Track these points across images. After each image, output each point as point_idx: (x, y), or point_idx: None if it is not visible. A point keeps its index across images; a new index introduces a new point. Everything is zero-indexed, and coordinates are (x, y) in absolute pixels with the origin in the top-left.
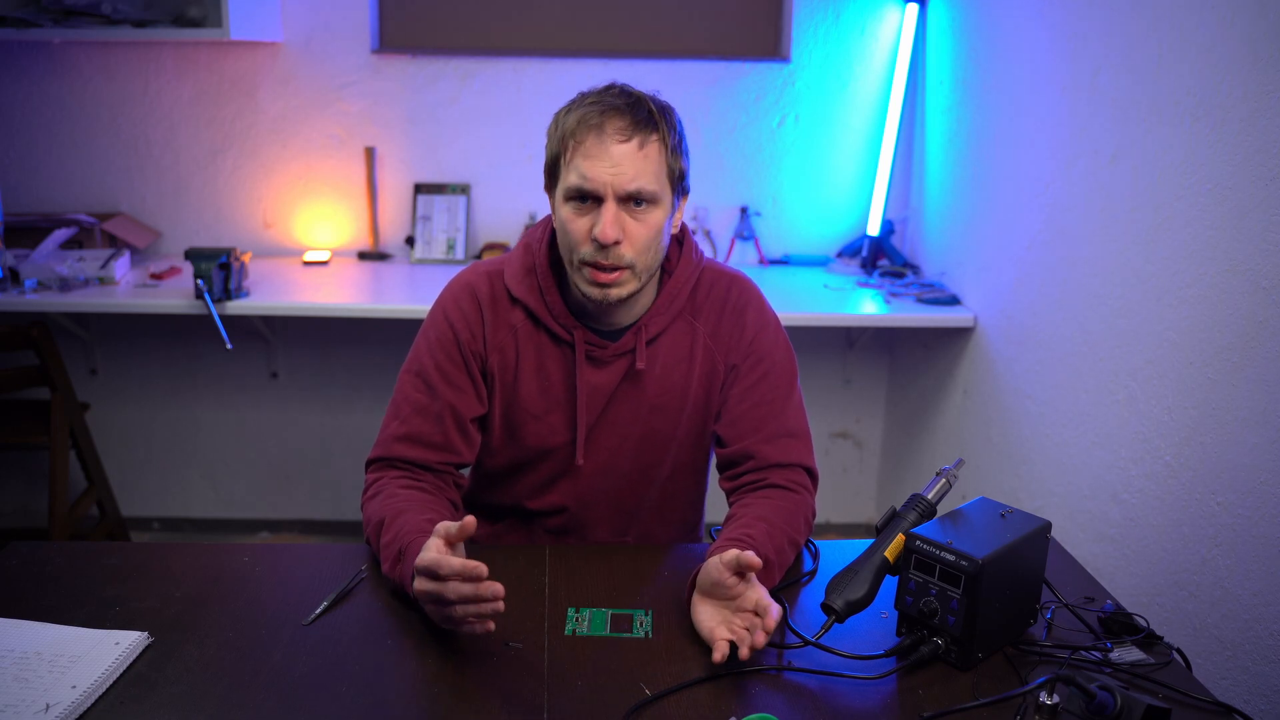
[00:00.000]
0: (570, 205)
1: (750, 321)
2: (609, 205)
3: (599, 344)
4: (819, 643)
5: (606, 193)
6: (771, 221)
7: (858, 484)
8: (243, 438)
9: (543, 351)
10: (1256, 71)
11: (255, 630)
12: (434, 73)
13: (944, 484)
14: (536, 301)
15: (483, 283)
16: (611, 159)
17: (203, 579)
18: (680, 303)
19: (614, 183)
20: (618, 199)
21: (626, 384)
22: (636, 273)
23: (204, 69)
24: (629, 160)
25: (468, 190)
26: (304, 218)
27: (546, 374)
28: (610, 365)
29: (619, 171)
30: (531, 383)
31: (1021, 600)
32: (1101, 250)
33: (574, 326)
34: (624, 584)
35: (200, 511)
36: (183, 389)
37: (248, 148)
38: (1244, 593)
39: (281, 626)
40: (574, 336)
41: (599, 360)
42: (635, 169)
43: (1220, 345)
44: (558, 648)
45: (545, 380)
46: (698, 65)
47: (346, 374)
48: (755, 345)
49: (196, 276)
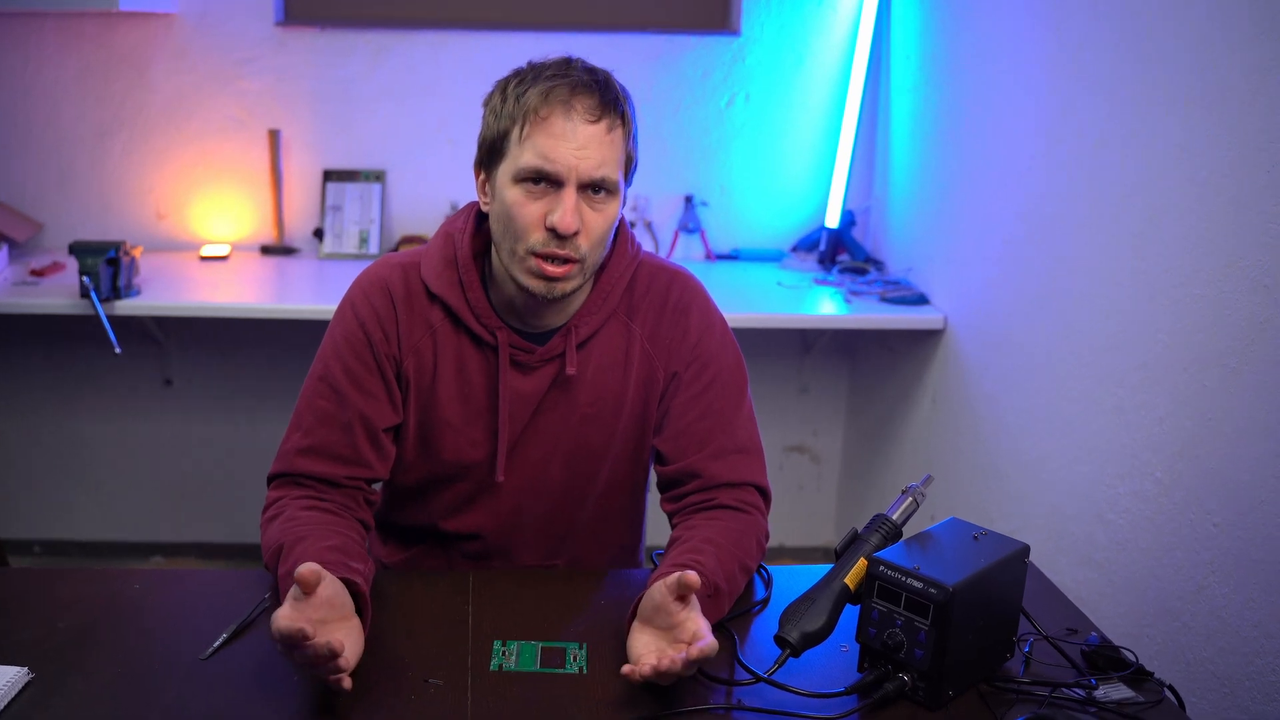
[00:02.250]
0: (521, 187)
1: (694, 323)
2: (569, 191)
3: (525, 347)
4: (772, 679)
5: (569, 177)
6: (719, 212)
7: (815, 503)
8: (134, 452)
9: (463, 354)
10: (1258, 47)
11: (148, 665)
12: (345, 47)
13: (910, 503)
14: (457, 298)
15: (396, 276)
16: (579, 141)
17: (90, 608)
18: (614, 301)
19: (579, 167)
20: (579, 186)
21: (555, 391)
22: (585, 268)
23: (90, 42)
24: (596, 144)
25: (382, 177)
26: (201, 208)
27: (467, 379)
28: (537, 371)
29: (585, 155)
30: (451, 389)
31: (997, 632)
32: (1086, 244)
33: (498, 327)
34: (556, 614)
35: (86, 534)
36: (66, 398)
37: (139, 130)
38: (1243, 624)
39: (177, 661)
40: (497, 338)
41: (525, 365)
42: (601, 154)
43: (1217, 349)
44: (482, 685)
45: (466, 386)
46: (637, 38)
47: (249, 381)
48: (700, 350)
49: (82, 273)
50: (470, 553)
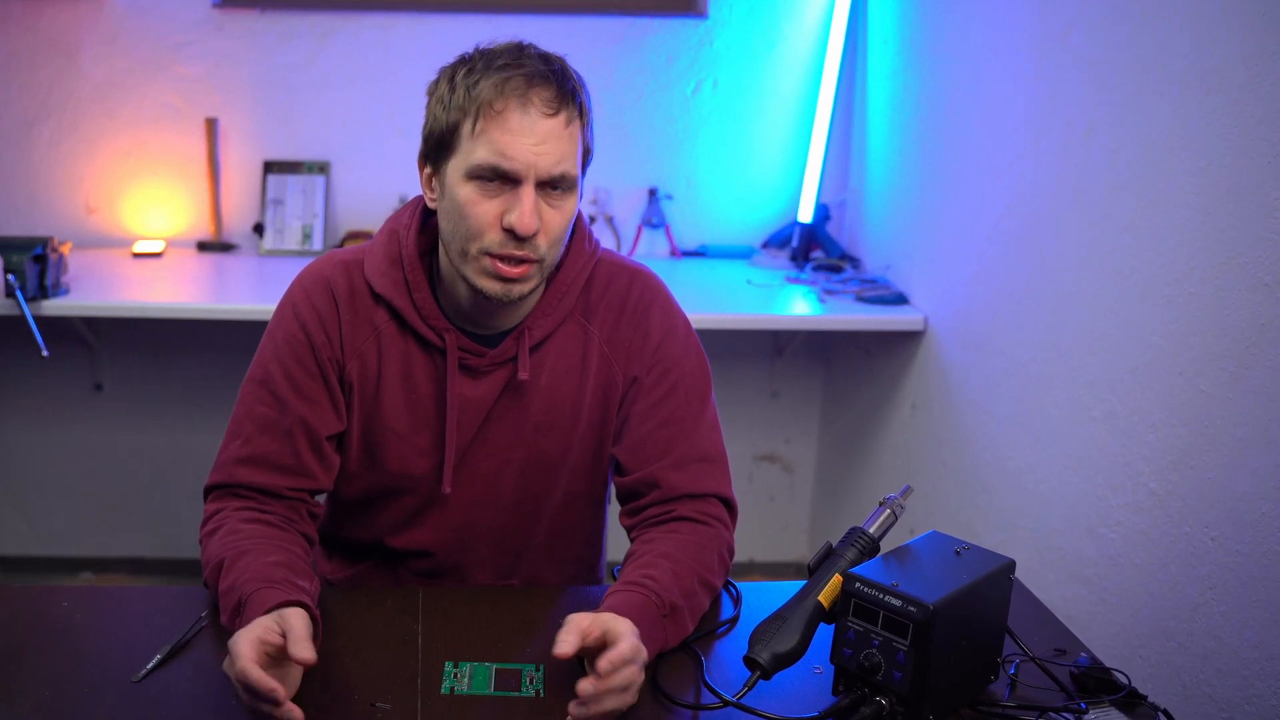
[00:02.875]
0: (474, 185)
1: (655, 325)
2: (527, 190)
3: (475, 350)
4: (740, 703)
5: (528, 175)
6: (685, 206)
7: (787, 516)
8: (61, 461)
9: (410, 359)
10: (1256, 29)
11: (76, 688)
12: (286, 30)
13: (888, 516)
14: (402, 299)
15: (339, 275)
16: (537, 136)
17: (14, 628)
18: (571, 301)
19: (538, 164)
20: (538, 182)
21: (507, 398)
22: (543, 268)
23: (15, 25)
24: (554, 139)
25: (326, 169)
26: (134, 201)
27: (414, 385)
28: (488, 376)
29: (543, 151)
30: (396, 395)
31: (980, 652)
32: (1075, 240)
33: (445, 329)
34: (510, 634)
35: (10, 548)
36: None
37: (67, 119)
38: (1242, 644)
39: (108, 683)
40: (445, 341)
41: (474, 370)
42: (560, 149)
43: (1214, 352)
44: (433, 709)
45: (412, 393)
46: (597, 21)
47: (184, 386)
48: (661, 353)
49: (6, 271)
50: (420, 570)
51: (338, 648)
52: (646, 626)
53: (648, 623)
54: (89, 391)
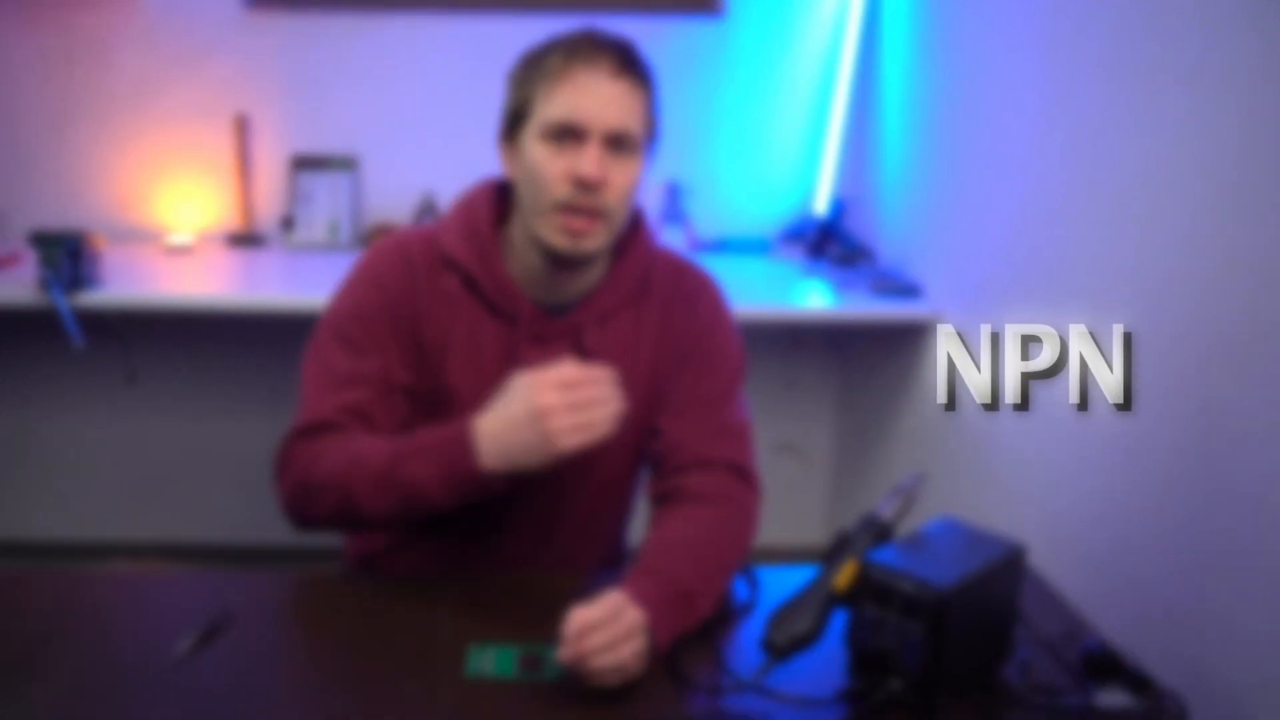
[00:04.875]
0: (547, 144)
1: (703, 312)
2: (593, 143)
3: (543, 319)
4: (758, 685)
5: (593, 127)
6: (704, 200)
7: (803, 503)
8: (96, 449)
9: (477, 325)
10: (1264, 27)
11: (110, 673)
12: (316, 30)
13: (902, 502)
14: (478, 266)
15: (415, 242)
16: (603, 94)
17: (50, 612)
18: (632, 284)
19: (602, 116)
20: (603, 139)
21: None
22: (610, 225)
23: (50, 25)
24: (619, 99)
25: (354, 165)
26: (166, 197)
27: (479, 349)
28: (553, 344)
29: (607, 105)
30: (462, 358)
31: (992, 636)
32: (1084, 235)
33: (518, 297)
34: (535, 617)
35: (45, 534)
36: (24, 393)
37: (101, 116)
38: (1251, 629)
39: (141, 669)
40: (518, 309)
41: (543, 337)
42: (623, 108)
43: (1219, 346)
44: (456, 692)
45: (477, 356)
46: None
47: (215, 376)
48: (706, 339)
49: (42, 264)
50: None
51: (361, 632)
52: (661, 613)
53: (662, 610)
54: (121, 382)
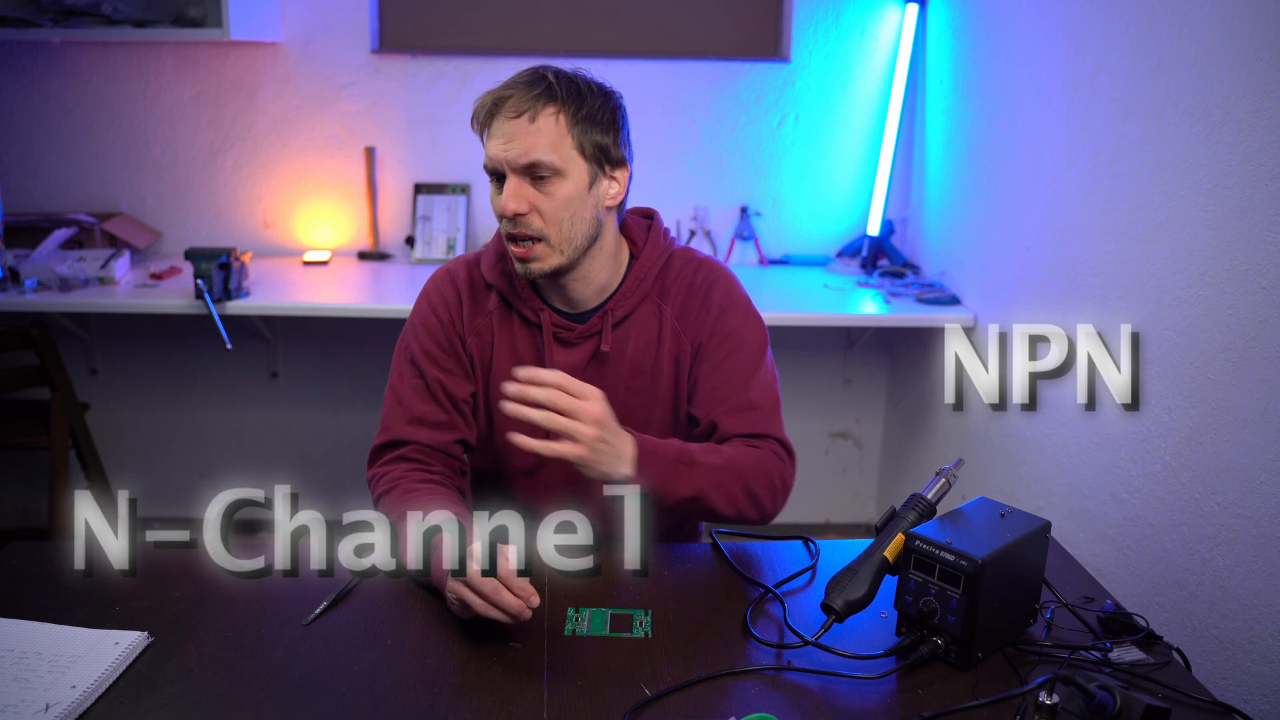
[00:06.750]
0: (492, 185)
1: (716, 300)
2: (509, 179)
3: (566, 325)
4: (819, 642)
5: (507, 166)
6: (771, 221)
7: (857, 484)
8: (242, 438)
9: (515, 334)
10: (1256, 71)
11: (255, 631)
12: (434, 73)
13: (943, 484)
14: (506, 285)
15: (461, 270)
16: (505, 135)
17: (202, 579)
18: (647, 285)
19: (505, 157)
20: (517, 173)
21: (594, 367)
22: (554, 245)
23: (204, 69)
24: (520, 135)
25: (468, 190)
26: (304, 218)
27: (520, 355)
28: (578, 346)
29: (509, 146)
30: (506, 364)
31: (1021, 600)
32: (1101, 250)
33: (541, 308)
34: (624, 583)
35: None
36: (182, 389)
37: (248, 147)
38: (1244, 593)
39: (281, 627)
40: (541, 318)
41: (567, 341)
42: (525, 143)
43: (1220, 345)
44: (557, 648)
45: (518, 361)
46: (698, 65)
47: (347, 374)
48: (721, 323)
49: (196, 276)
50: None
51: None
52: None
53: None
54: (266, 379)
